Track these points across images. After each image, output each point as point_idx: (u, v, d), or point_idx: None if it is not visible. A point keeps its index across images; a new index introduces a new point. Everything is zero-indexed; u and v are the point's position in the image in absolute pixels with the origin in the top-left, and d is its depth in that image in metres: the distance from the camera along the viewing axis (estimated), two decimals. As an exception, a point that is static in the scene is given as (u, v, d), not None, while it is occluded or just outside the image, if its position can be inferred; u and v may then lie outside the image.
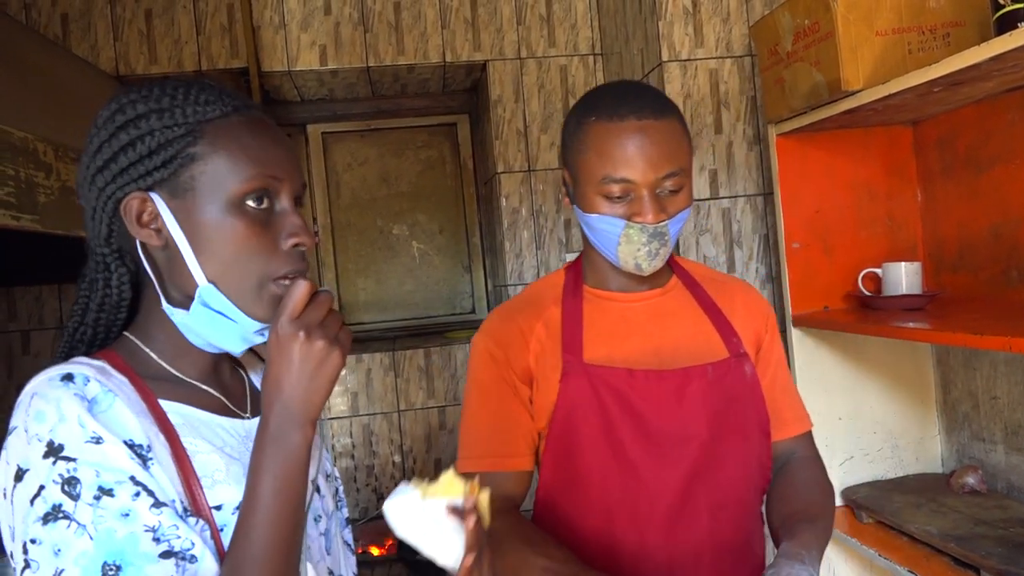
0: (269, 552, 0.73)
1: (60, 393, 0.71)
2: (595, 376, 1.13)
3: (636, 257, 1.11)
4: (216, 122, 0.78)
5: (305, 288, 0.75)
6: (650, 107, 1.07)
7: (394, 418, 2.60)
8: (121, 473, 0.70)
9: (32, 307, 2.48)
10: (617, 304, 1.20)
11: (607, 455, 1.13)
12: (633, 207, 1.08)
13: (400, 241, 3.04)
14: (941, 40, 1.49)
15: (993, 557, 1.38)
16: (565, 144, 1.17)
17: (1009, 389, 1.68)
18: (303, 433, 0.75)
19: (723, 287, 1.27)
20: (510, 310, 1.23)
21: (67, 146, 1.34)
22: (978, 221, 1.71)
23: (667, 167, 1.07)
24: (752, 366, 1.20)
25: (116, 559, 0.67)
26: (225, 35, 2.47)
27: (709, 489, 1.14)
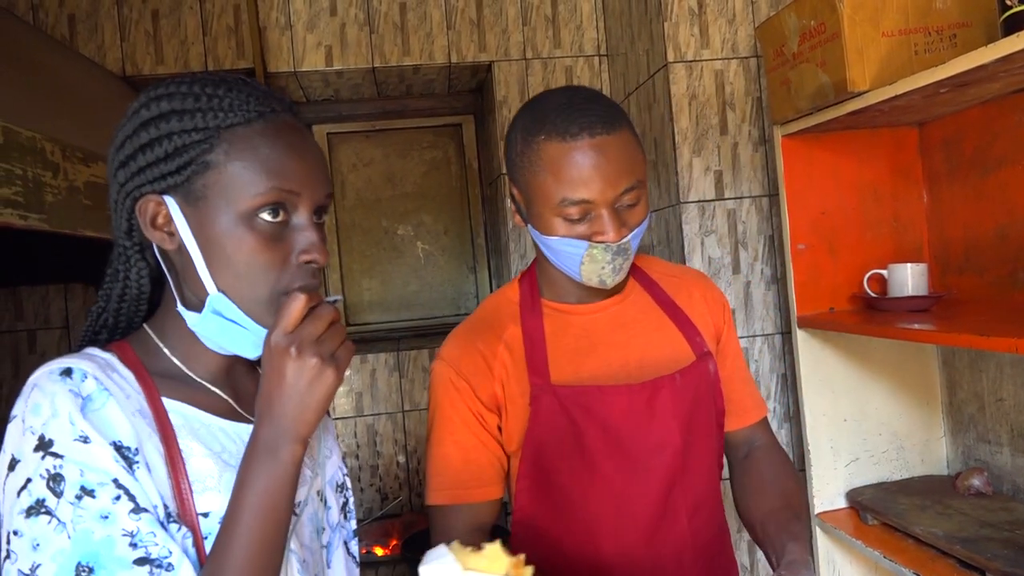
0: (246, 566, 0.72)
1: (56, 388, 0.71)
2: (565, 398, 1.11)
3: (600, 275, 1.08)
4: (236, 129, 0.76)
5: (301, 302, 0.73)
6: (601, 121, 1.03)
7: (398, 418, 2.61)
8: (105, 475, 0.69)
9: (38, 307, 2.49)
10: (578, 318, 1.17)
11: (584, 474, 1.12)
12: (594, 226, 1.04)
13: (405, 242, 3.04)
14: (948, 41, 1.49)
15: (999, 559, 1.38)
16: (512, 161, 1.12)
17: (1015, 391, 1.68)
18: (291, 450, 0.73)
19: (680, 282, 1.26)
20: (468, 334, 1.18)
21: (74, 146, 1.34)
22: (984, 222, 1.70)
23: (625, 182, 1.03)
24: (715, 363, 1.20)
25: (90, 561, 0.67)
26: (231, 36, 2.48)
27: (685, 492, 1.15)
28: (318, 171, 0.80)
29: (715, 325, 1.25)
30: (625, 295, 1.20)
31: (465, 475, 1.14)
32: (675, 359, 1.17)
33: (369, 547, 2.33)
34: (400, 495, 2.58)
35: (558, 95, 1.09)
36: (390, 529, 2.37)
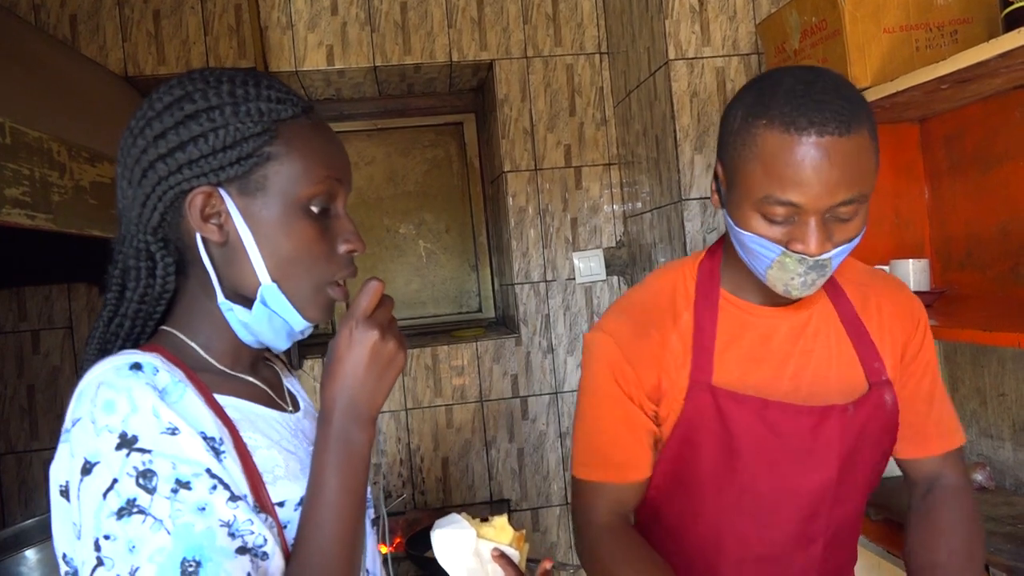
0: (337, 547, 0.74)
1: (131, 382, 0.69)
2: (724, 401, 1.05)
3: (788, 285, 0.97)
4: (289, 122, 0.78)
5: (378, 288, 0.75)
6: (836, 120, 0.89)
7: (401, 416, 2.61)
8: (198, 465, 0.68)
9: (42, 307, 2.49)
10: (757, 320, 1.08)
11: (725, 478, 1.07)
12: (795, 232, 0.93)
13: (407, 240, 3.05)
14: (949, 37, 1.49)
15: (1002, 554, 1.38)
16: (724, 138, 1.00)
17: (1017, 386, 1.68)
18: (367, 432, 0.76)
19: (869, 291, 1.14)
20: (642, 314, 1.10)
21: (80, 146, 1.35)
22: (986, 218, 1.71)
23: (844, 194, 0.90)
24: (893, 394, 1.09)
25: (196, 554, 0.65)
26: (233, 36, 2.48)
27: (827, 523, 1.10)
28: (349, 164, 0.84)
29: (903, 342, 1.13)
30: (811, 302, 1.10)
31: (615, 456, 1.11)
32: (848, 386, 1.08)
33: (373, 545, 2.33)
34: (403, 493, 2.59)
35: (795, 76, 0.94)
36: (393, 527, 2.38)
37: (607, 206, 2.64)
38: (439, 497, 2.61)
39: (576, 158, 2.63)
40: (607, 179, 2.64)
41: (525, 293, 2.63)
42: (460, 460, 2.62)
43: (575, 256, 2.63)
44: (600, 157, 2.63)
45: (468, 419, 2.63)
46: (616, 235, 2.64)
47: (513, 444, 2.62)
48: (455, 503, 2.60)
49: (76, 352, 2.49)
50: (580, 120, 2.63)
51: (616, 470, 1.11)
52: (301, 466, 0.79)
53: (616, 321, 1.11)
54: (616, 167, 2.64)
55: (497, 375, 2.63)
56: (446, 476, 2.61)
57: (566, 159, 2.63)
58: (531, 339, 2.62)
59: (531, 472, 2.62)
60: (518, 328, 2.64)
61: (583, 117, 2.63)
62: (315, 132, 0.80)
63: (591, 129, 2.63)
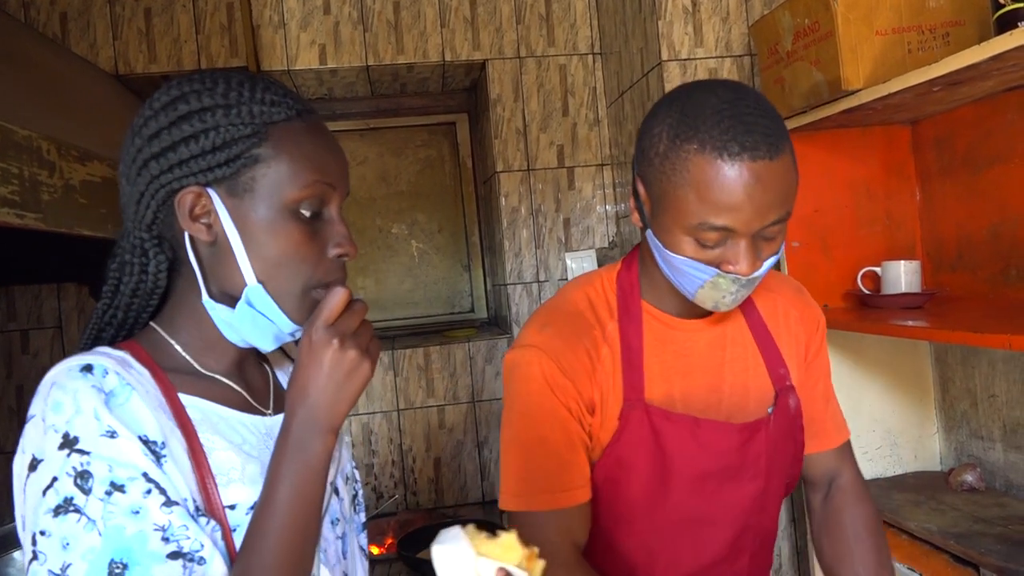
0: (281, 558, 0.73)
1: (78, 384, 0.70)
2: (658, 420, 1.04)
3: (718, 302, 0.99)
4: (281, 125, 0.78)
5: (343, 295, 0.75)
6: (765, 143, 0.89)
7: (393, 417, 2.61)
8: (134, 469, 0.69)
9: (31, 306, 2.48)
10: (678, 334, 1.09)
11: (658, 497, 1.07)
12: (727, 254, 0.93)
13: (399, 240, 3.04)
14: (941, 39, 1.50)
15: (992, 554, 1.39)
16: (647, 158, 0.97)
17: (1007, 387, 1.69)
18: (325, 441, 0.75)
19: (776, 298, 1.17)
20: (569, 326, 1.08)
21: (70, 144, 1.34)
22: (977, 220, 1.71)
23: (775, 214, 0.92)
24: (796, 399, 1.12)
25: (123, 557, 0.66)
26: (224, 34, 2.47)
27: (755, 535, 1.12)
28: (346, 168, 0.84)
29: (805, 345, 1.17)
30: (725, 315, 1.10)
31: (561, 478, 1.05)
32: (762, 396, 1.11)
33: (364, 546, 2.33)
34: (395, 494, 2.59)
35: (719, 96, 0.93)
36: (385, 528, 2.37)
37: (600, 207, 2.64)
38: (431, 498, 2.60)
39: (569, 158, 2.63)
40: (600, 180, 2.64)
41: (518, 293, 2.63)
42: (452, 461, 2.62)
43: (568, 257, 2.63)
44: (593, 158, 2.63)
45: (460, 419, 2.62)
46: (609, 236, 2.64)
47: (505, 445, 2.61)
48: (447, 503, 2.59)
49: (66, 352, 2.47)
50: (573, 120, 2.63)
51: (563, 493, 1.04)
52: (260, 470, 0.78)
53: (541, 335, 1.07)
54: (609, 168, 2.64)
55: (489, 375, 2.63)
56: (438, 477, 2.60)
57: (559, 159, 2.63)
58: (523, 339, 2.62)
59: (523, 473, 2.61)
60: (510, 328, 2.63)
61: (576, 118, 2.63)
62: (308, 136, 0.80)
63: (584, 130, 2.63)
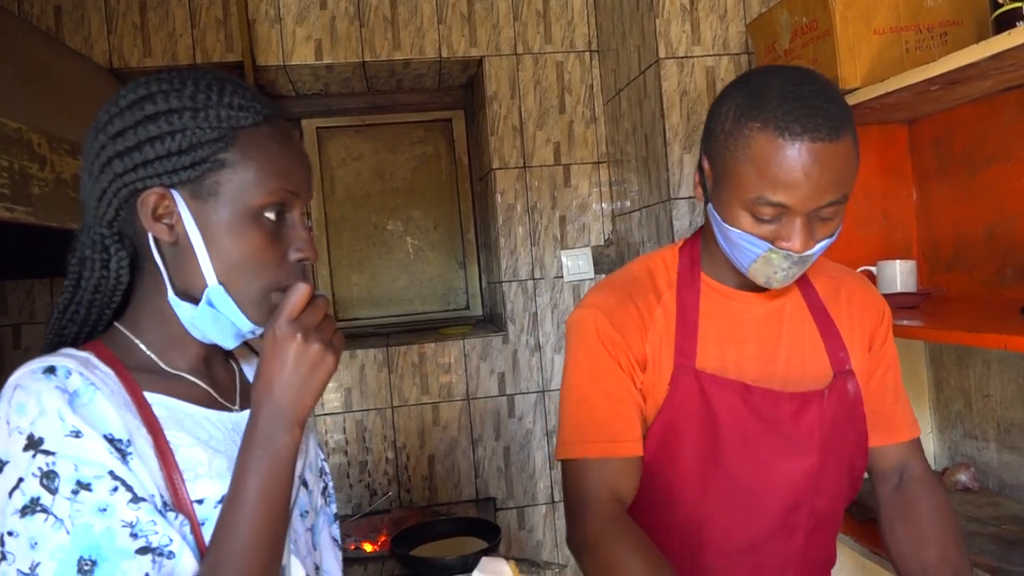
0: (250, 551, 0.74)
1: (41, 386, 0.71)
2: (708, 385, 1.06)
3: (771, 278, 1.02)
4: (248, 130, 0.79)
5: (305, 291, 0.76)
6: (827, 126, 0.92)
7: (387, 414, 2.60)
8: (100, 467, 0.70)
9: (23, 301, 2.46)
10: (735, 304, 1.12)
11: (708, 465, 1.08)
12: (782, 230, 0.97)
13: (394, 237, 3.03)
14: (939, 39, 1.49)
15: (986, 554, 1.39)
16: (714, 134, 1.02)
17: (1002, 387, 1.69)
18: (291, 434, 0.76)
19: (838, 285, 1.20)
20: (624, 288, 1.13)
21: (61, 138, 1.33)
22: (973, 220, 1.71)
23: (830, 195, 0.95)
24: (855, 384, 1.13)
25: (92, 554, 0.67)
26: (220, 28, 2.46)
27: (809, 513, 1.11)
28: (309, 174, 0.85)
29: (869, 334, 1.18)
30: (783, 291, 1.14)
31: (608, 428, 1.08)
32: (818, 373, 1.12)
33: (358, 543, 2.32)
34: (389, 491, 2.58)
35: (786, 78, 0.98)
36: (379, 525, 2.37)
37: (596, 204, 2.64)
38: (425, 495, 2.60)
39: (565, 156, 2.62)
40: (596, 177, 2.63)
41: (513, 291, 2.62)
42: (446, 458, 2.61)
43: (563, 254, 2.62)
44: (589, 155, 2.63)
45: (454, 417, 2.62)
46: (604, 233, 2.64)
47: (499, 442, 2.61)
48: (441, 501, 2.59)
49: (58, 347, 2.46)
50: (569, 118, 2.62)
51: (609, 443, 1.08)
52: (228, 465, 0.79)
53: (598, 295, 1.14)
54: (605, 165, 2.63)
55: (484, 373, 2.62)
56: (432, 474, 2.60)
57: (555, 157, 2.62)
58: (518, 337, 2.61)
59: (517, 470, 2.61)
60: (505, 326, 2.63)
61: (572, 115, 2.62)
62: (273, 142, 0.80)
63: (580, 127, 2.62)
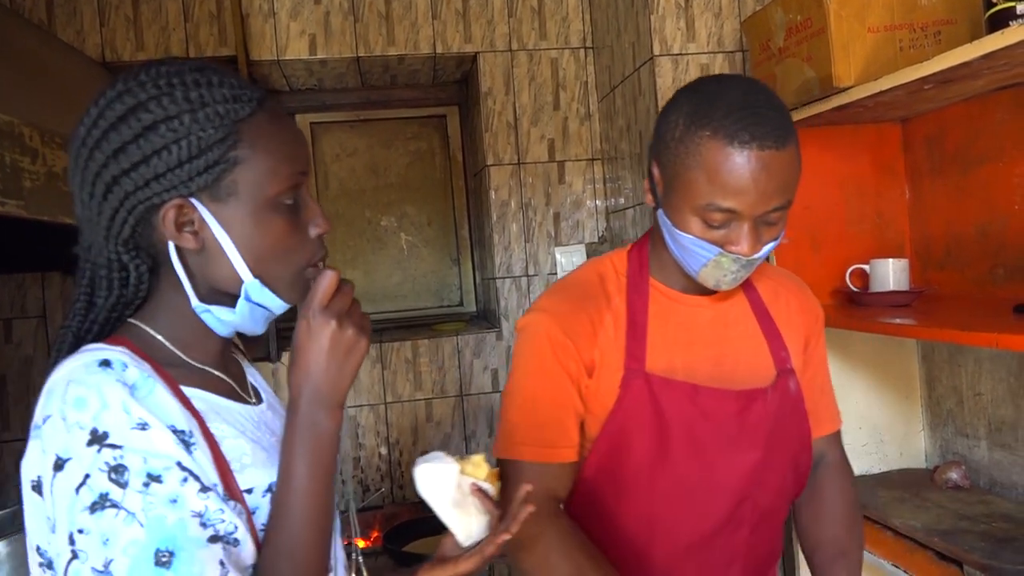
0: (307, 531, 0.76)
1: (100, 379, 0.70)
2: (658, 388, 1.10)
3: (719, 281, 1.06)
4: (249, 121, 0.77)
5: (334, 277, 0.77)
6: (774, 135, 0.96)
7: (380, 410, 2.60)
8: (168, 459, 0.70)
9: (14, 295, 2.45)
10: (683, 307, 1.15)
11: (656, 464, 1.11)
12: (731, 235, 1.01)
13: (388, 233, 3.03)
14: (932, 38, 1.50)
15: (976, 551, 1.40)
16: (664, 142, 1.05)
17: (993, 386, 1.70)
18: (333, 418, 0.78)
19: (777, 287, 1.24)
20: (575, 293, 1.16)
21: (53, 131, 1.32)
22: (965, 219, 1.72)
23: (777, 200, 0.99)
24: (796, 382, 1.18)
25: (168, 545, 0.67)
26: (213, 23, 2.44)
27: (753, 507, 1.15)
28: (308, 148, 0.87)
29: (805, 336, 1.23)
30: (729, 294, 1.17)
31: (555, 433, 1.11)
32: (760, 371, 1.16)
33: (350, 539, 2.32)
34: (382, 487, 2.58)
35: (734, 89, 1.02)
36: (371, 521, 2.36)
37: (590, 201, 2.64)
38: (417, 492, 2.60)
39: (559, 152, 2.62)
40: (590, 174, 2.63)
41: (506, 287, 2.62)
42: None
43: (557, 251, 2.62)
44: (583, 152, 2.63)
45: (448, 413, 2.62)
46: (598, 230, 2.64)
47: (492, 439, 2.61)
48: (434, 497, 2.58)
49: (49, 342, 2.45)
50: (564, 115, 2.62)
51: (549, 448, 1.11)
52: (267, 455, 0.81)
53: (549, 300, 1.16)
54: (599, 162, 2.63)
55: (477, 369, 2.62)
56: (425, 470, 2.59)
57: (549, 153, 2.62)
58: (512, 334, 2.61)
59: (510, 467, 2.61)
60: (499, 323, 2.63)
61: (567, 112, 2.62)
62: (275, 126, 0.80)
63: (575, 124, 2.62)
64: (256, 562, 0.76)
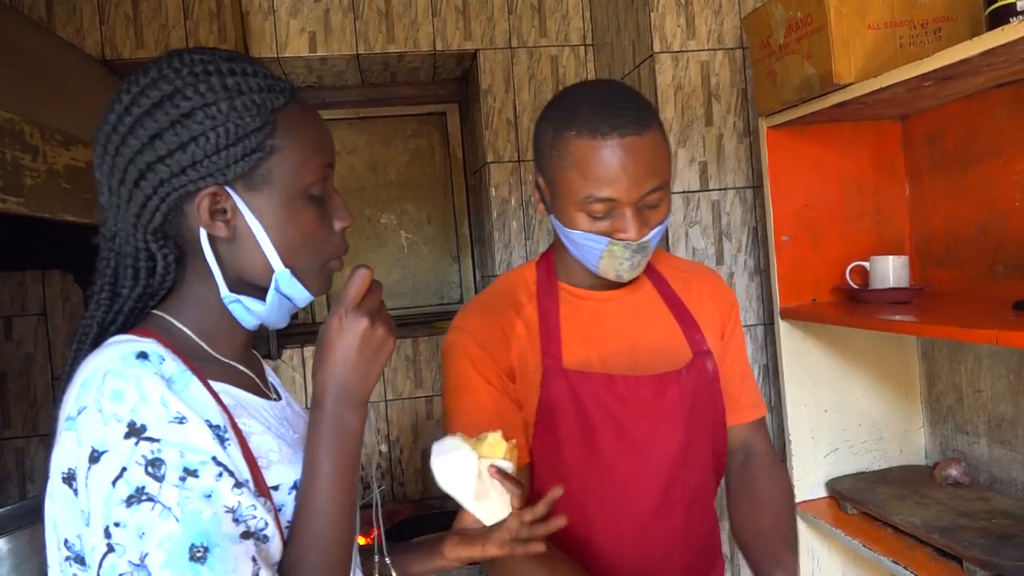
0: (333, 528, 0.76)
1: (139, 372, 0.70)
2: (575, 381, 1.13)
3: (618, 270, 1.11)
4: (283, 111, 0.78)
5: (367, 276, 0.77)
6: (632, 123, 1.04)
7: (381, 408, 2.60)
8: (204, 453, 0.69)
9: (15, 293, 2.45)
10: (592, 304, 1.20)
11: (586, 458, 1.14)
12: (616, 223, 1.06)
13: (388, 230, 3.03)
14: (932, 35, 1.50)
15: (975, 548, 1.40)
16: (540, 152, 1.13)
17: (993, 383, 1.70)
18: (359, 414, 0.78)
19: (690, 278, 1.28)
20: (486, 307, 1.21)
21: (54, 129, 1.32)
22: (965, 216, 1.72)
23: (651, 183, 1.05)
24: (713, 363, 1.22)
25: (203, 540, 0.67)
26: (213, 20, 2.44)
27: (683, 489, 1.18)
28: (333, 142, 0.86)
29: (720, 322, 1.27)
30: (637, 286, 1.23)
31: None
32: (675, 355, 1.19)
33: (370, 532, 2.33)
34: (382, 484, 2.58)
35: (591, 90, 1.10)
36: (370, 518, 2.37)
37: (590, 199, 2.63)
38: (418, 489, 2.60)
39: (559, 150, 2.61)
40: (590, 172, 2.63)
41: (507, 285, 2.62)
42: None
43: (557, 248, 2.62)
44: (583, 149, 2.62)
45: (448, 411, 2.62)
46: (598, 228, 2.64)
47: (493, 436, 2.61)
48: (434, 495, 2.59)
49: (50, 339, 2.45)
50: (564, 112, 2.61)
51: None
52: (292, 452, 0.81)
53: (463, 318, 1.20)
54: (599, 160, 2.63)
55: (478, 367, 2.62)
56: (425, 468, 2.60)
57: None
58: (512, 331, 2.61)
59: (510, 464, 2.61)
60: (499, 320, 2.62)
61: (567, 109, 2.61)
62: (307, 118, 0.81)
63: (575, 121, 2.61)
64: (282, 557, 0.76)
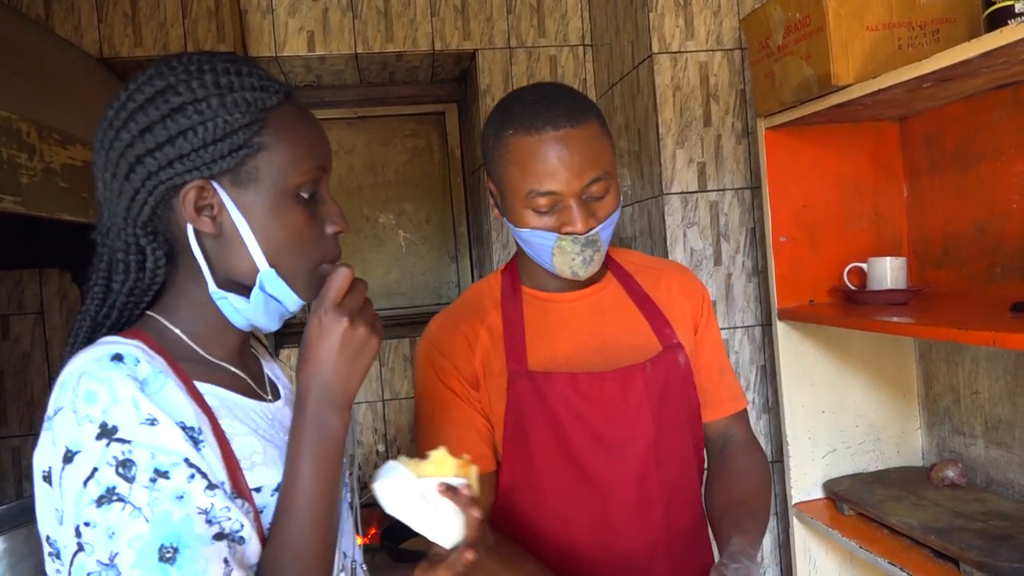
0: (312, 531, 0.76)
1: (112, 374, 0.70)
2: (541, 383, 1.13)
3: (572, 266, 1.11)
4: (276, 111, 0.78)
5: (347, 275, 0.77)
6: (565, 115, 1.05)
7: (378, 407, 2.60)
8: (176, 455, 0.70)
9: (12, 292, 2.45)
10: (556, 305, 1.20)
11: (558, 459, 1.14)
12: (562, 217, 1.07)
13: (386, 230, 3.03)
14: (931, 36, 1.50)
15: (972, 549, 1.40)
16: (487, 157, 1.15)
17: (990, 384, 1.70)
18: (341, 417, 0.77)
19: (658, 274, 1.28)
20: (452, 317, 1.22)
21: (51, 127, 1.31)
22: (963, 217, 1.72)
23: (590, 173, 1.06)
24: (685, 356, 1.21)
25: (173, 541, 0.67)
26: (212, 19, 2.44)
27: (660, 484, 1.17)
28: (330, 146, 0.85)
29: (692, 316, 1.26)
30: (603, 285, 1.23)
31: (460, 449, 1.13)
32: (643, 350, 1.19)
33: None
34: (379, 484, 2.58)
35: (527, 91, 1.12)
36: (369, 518, 2.37)
37: (588, 199, 2.63)
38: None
39: (558, 150, 2.61)
40: (589, 172, 2.63)
41: (505, 285, 2.61)
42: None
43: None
44: (582, 150, 2.62)
45: (446, 411, 2.61)
46: (597, 228, 2.64)
47: (490, 436, 2.61)
48: (431, 495, 2.59)
49: (47, 338, 2.45)
50: (562, 112, 2.61)
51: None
52: (279, 453, 0.81)
53: (430, 330, 1.22)
54: (598, 160, 2.62)
55: (475, 367, 2.62)
56: (423, 467, 2.60)
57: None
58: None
59: (508, 464, 2.61)
60: (497, 320, 2.62)
61: (566, 109, 2.61)
62: (300, 120, 0.81)
63: (573, 121, 2.61)
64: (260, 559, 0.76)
